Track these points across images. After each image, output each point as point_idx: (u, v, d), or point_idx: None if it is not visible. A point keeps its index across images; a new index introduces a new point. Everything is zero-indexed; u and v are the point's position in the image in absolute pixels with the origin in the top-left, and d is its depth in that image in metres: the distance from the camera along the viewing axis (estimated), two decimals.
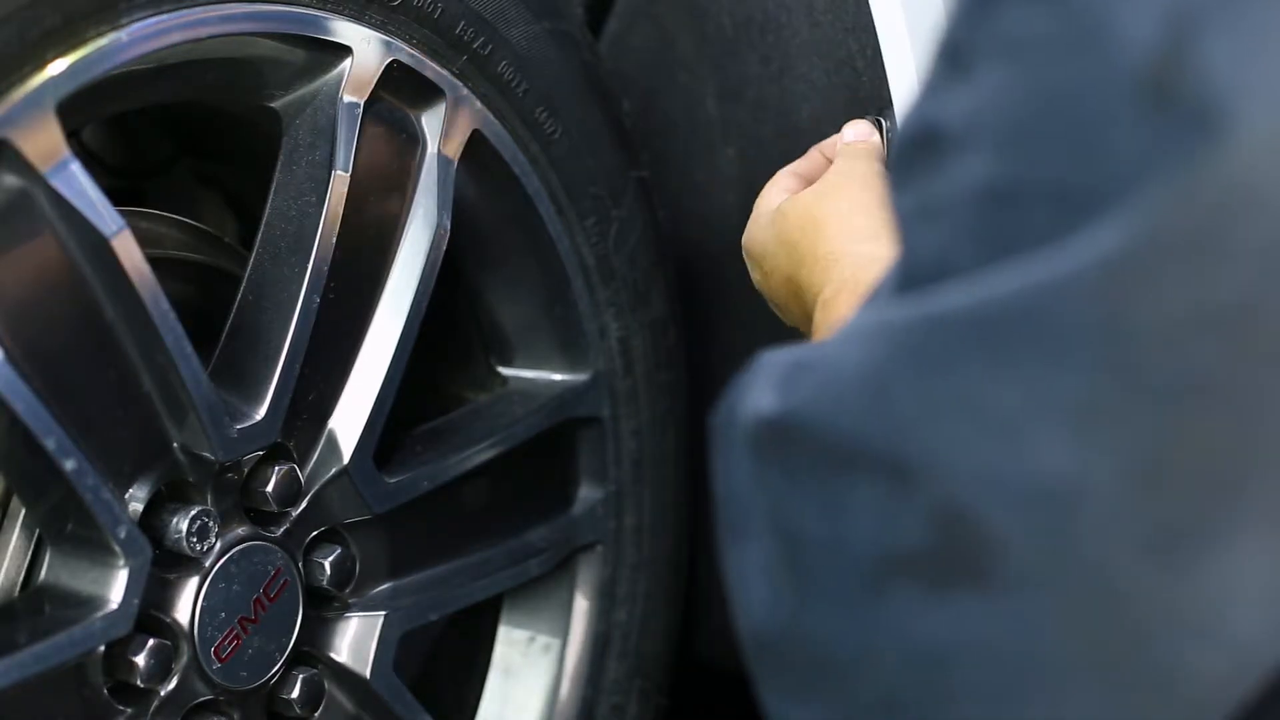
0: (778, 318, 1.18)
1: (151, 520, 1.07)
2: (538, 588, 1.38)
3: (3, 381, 0.97)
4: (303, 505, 1.16)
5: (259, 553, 1.13)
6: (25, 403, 0.98)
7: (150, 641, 1.07)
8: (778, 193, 1.17)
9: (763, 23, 1.38)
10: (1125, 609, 0.60)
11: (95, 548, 1.04)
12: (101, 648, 1.05)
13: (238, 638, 1.11)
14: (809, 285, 1.06)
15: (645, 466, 1.40)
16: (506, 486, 1.32)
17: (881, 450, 0.63)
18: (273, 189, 1.15)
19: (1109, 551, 0.60)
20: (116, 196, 1.03)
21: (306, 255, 1.13)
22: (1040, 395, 0.60)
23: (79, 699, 1.05)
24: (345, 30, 1.13)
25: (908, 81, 1.23)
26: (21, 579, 1.06)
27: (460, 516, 1.30)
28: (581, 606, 1.39)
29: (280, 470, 1.14)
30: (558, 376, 1.35)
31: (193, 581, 1.10)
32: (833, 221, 1.07)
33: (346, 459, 1.17)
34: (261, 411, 1.11)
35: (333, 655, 1.21)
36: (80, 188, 0.99)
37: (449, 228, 1.21)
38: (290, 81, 1.14)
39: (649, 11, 1.48)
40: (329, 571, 1.18)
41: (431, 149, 1.20)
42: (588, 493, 1.38)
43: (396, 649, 1.22)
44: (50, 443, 0.99)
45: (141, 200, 1.32)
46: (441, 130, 1.20)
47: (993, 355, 0.61)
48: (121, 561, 1.04)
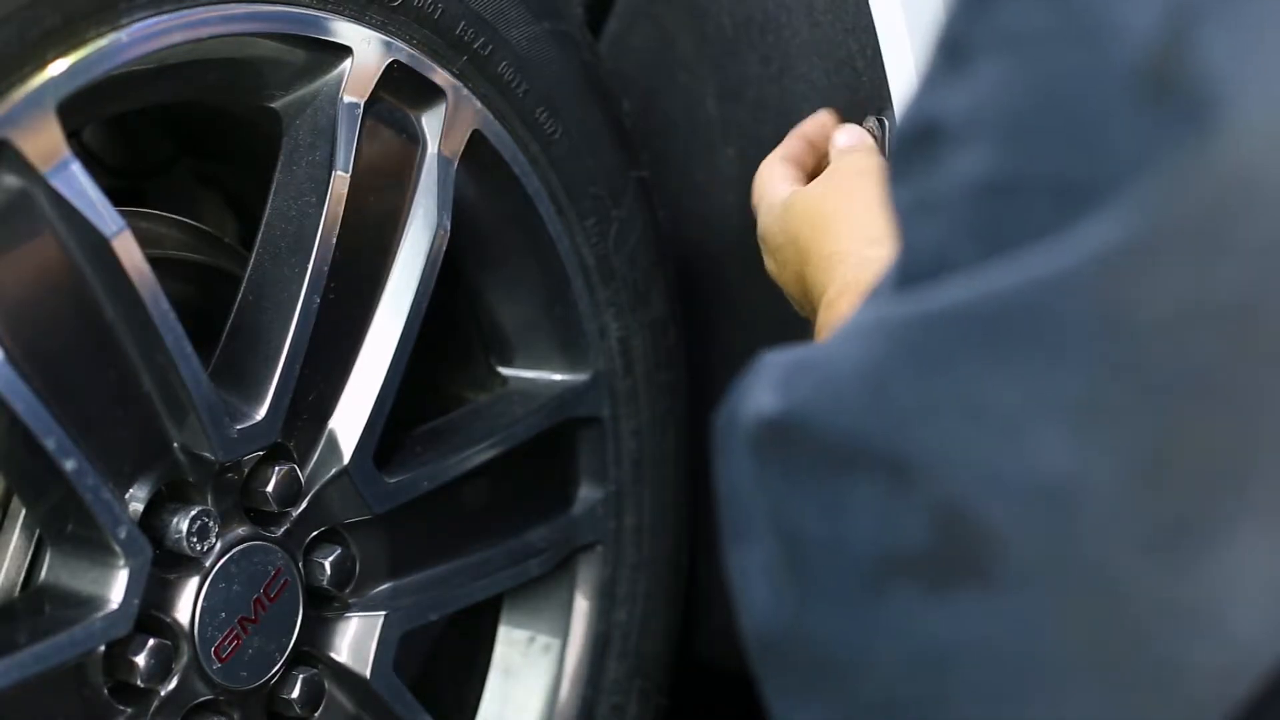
0: (778, 318, 1.18)
1: (152, 520, 1.07)
2: (538, 588, 1.38)
3: (3, 381, 0.97)
4: (303, 505, 1.16)
5: (259, 553, 1.13)
6: (25, 403, 0.98)
7: (150, 641, 1.07)
8: (778, 180, 1.16)
9: (763, 23, 1.38)
10: (1126, 607, 0.60)
11: (95, 548, 1.04)
12: (102, 648, 1.05)
13: (238, 638, 1.11)
14: (815, 283, 1.07)
15: (645, 466, 1.40)
16: (506, 486, 1.32)
17: (881, 449, 0.63)
18: (273, 189, 1.15)
19: (1109, 549, 0.60)
20: (117, 197, 1.03)
21: (307, 255, 1.13)
22: (1039, 392, 0.60)
23: (79, 699, 1.05)
24: (345, 31, 1.13)
25: (908, 81, 1.23)
26: (22, 579, 1.06)
27: (460, 516, 1.30)
28: (581, 606, 1.39)
29: (280, 470, 1.14)
30: (558, 376, 1.35)
31: (193, 581, 1.10)
32: (842, 220, 1.07)
33: (347, 459, 1.17)
34: (262, 412, 1.11)
35: (333, 655, 1.21)
36: (80, 188, 0.99)
37: (449, 228, 1.21)
38: (290, 82, 1.14)
39: (649, 11, 1.48)
40: (329, 571, 1.18)
41: (432, 149, 1.20)
42: (588, 493, 1.38)
43: (396, 649, 1.22)
44: (50, 443, 0.99)
45: (142, 200, 1.32)
46: (442, 131, 1.20)
47: (991, 352, 0.60)
48: (122, 561, 1.04)
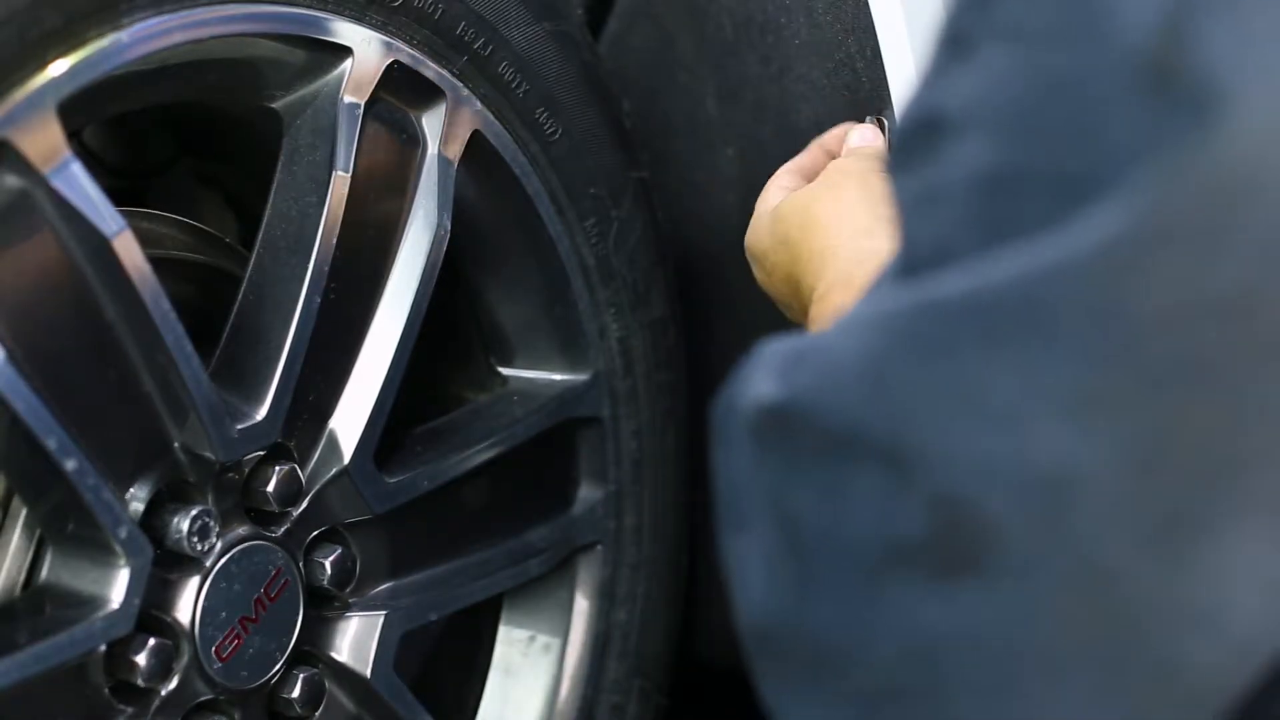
0: (778, 318, 1.18)
1: (152, 520, 1.07)
2: (538, 587, 1.38)
3: (4, 381, 0.97)
4: (303, 505, 1.16)
5: (260, 552, 1.13)
6: (26, 403, 0.98)
7: (151, 641, 1.07)
8: (777, 191, 1.17)
9: (763, 23, 1.38)
10: (1123, 598, 0.61)
11: (96, 547, 1.04)
12: (102, 647, 1.05)
13: (238, 637, 1.12)
14: (807, 280, 1.07)
15: (645, 466, 1.40)
16: (506, 486, 1.33)
17: (880, 438, 0.63)
18: (273, 189, 1.15)
19: (1107, 540, 0.60)
20: (117, 197, 1.03)
21: (307, 255, 1.13)
22: (1038, 382, 0.60)
23: (80, 698, 1.05)
24: (346, 31, 1.14)
25: (908, 81, 1.23)
26: (23, 579, 1.07)
27: (460, 516, 1.30)
28: (581, 606, 1.39)
29: (281, 470, 1.14)
30: (558, 376, 1.35)
31: (193, 581, 1.10)
32: (829, 217, 1.08)
33: (347, 459, 1.17)
34: (262, 411, 1.11)
35: (333, 655, 1.21)
36: (81, 188, 0.99)
37: (449, 228, 1.21)
38: (291, 82, 1.14)
39: (649, 12, 1.48)
40: (329, 571, 1.18)
41: (432, 150, 1.20)
42: (588, 493, 1.38)
43: (397, 648, 1.22)
44: (51, 443, 0.99)
45: (142, 200, 1.32)
46: (442, 131, 1.21)
47: (990, 342, 0.61)
48: (122, 561, 1.04)
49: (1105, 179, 0.59)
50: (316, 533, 1.18)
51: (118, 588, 1.04)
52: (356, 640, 1.21)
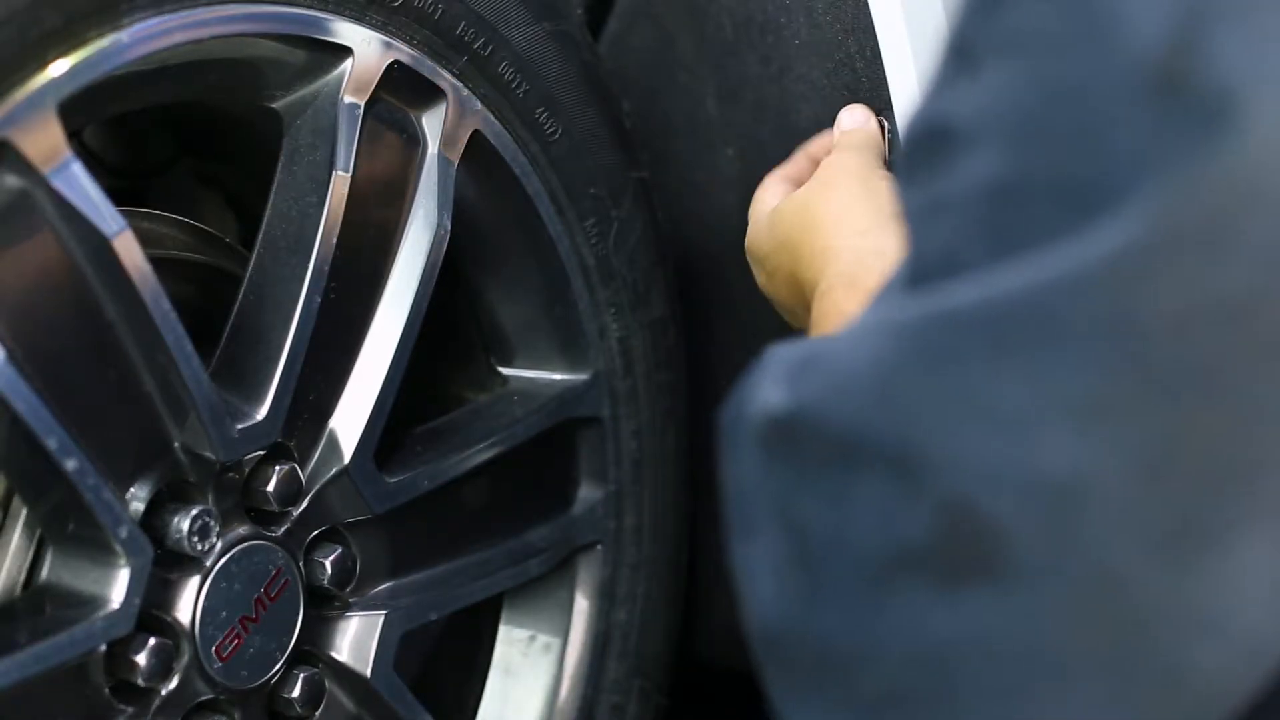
0: (778, 318, 1.18)
1: (152, 520, 1.08)
2: (538, 587, 1.38)
3: (4, 381, 0.97)
4: (303, 505, 1.16)
5: (260, 552, 1.13)
6: (26, 402, 0.98)
7: (151, 641, 1.07)
8: (771, 195, 1.17)
9: (763, 23, 1.38)
10: (1132, 604, 0.61)
11: (96, 547, 1.04)
12: (103, 647, 1.05)
13: (239, 637, 1.12)
14: (807, 279, 1.07)
15: (645, 466, 1.40)
16: (506, 486, 1.33)
17: (889, 447, 0.63)
18: (273, 189, 1.15)
19: (1116, 547, 0.60)
20: (117, 197, 1.03)
21: (307, 255, 1.13)
22: (1047, 391, 0.60)
23: (80, 698, 1.05)
24: (346, 31, 1.14)
25: (908, 82, 1.23)
26: (23, 579, 1.07)
27: (460, 516, 1.30)
28: (581, 606, 1.39)
29: (281, 470, 1.14)
30: (558, 376, 1.35)
31: (194, 581, 1.10)
32: (828, 216, 1.07)
33: (347, 459, 1.17)
34: (262, 411, 1.11)
35: (333, 654, 1.21)
36: (81, 188, 0.99)
37: (449, 228, 1.21)
38: (291, 82, 1.14)
39: (649, 12, 1.48)
40: (330, 571, 1.18)
41: (432, 150, 1.21)
42: (588, 493, 1.38)
43: (397, 648, 1.23)
44: (51, 442, 0.99)
45: (142, 200, 1.32)
46: (442, 131, 1.21)
47: (1000, 352, 0.61)
48: (123, 561, 1.04)
49: (1114, 188, 0.59)
50: (317, 532, 1.18)
51: (118, 587, 1.04)
52: (357, 640, 1.21)
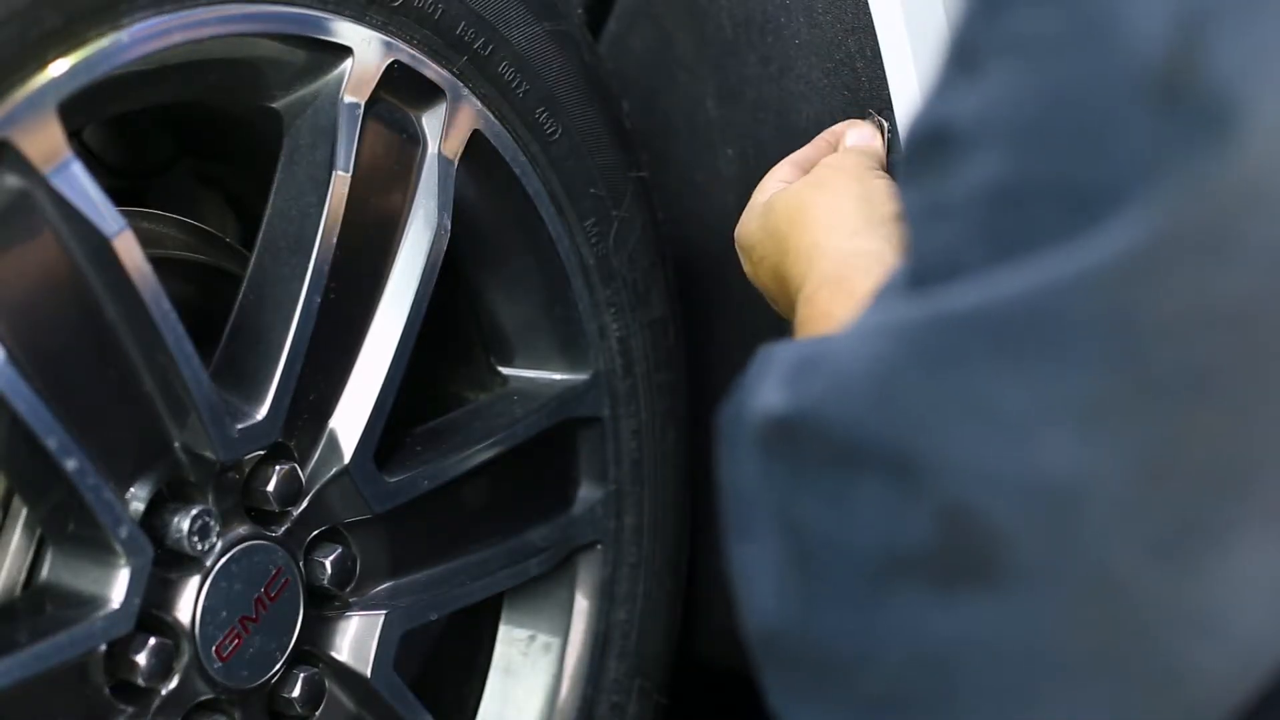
0: (777, 318, 1.18)
1: (153, 520, 1.08)
2: (538, 587, 1.38)
3: (4, 381, 0.97)
4: (303, 505, 1.16)
5: (260, 552, 1.13)
6: (27, 402, 0.98)
7: (151, 641, 1.07)
8: (774, 183, 1.17)
9: (762, 23, 1.38)
10: (1132, 607, 0.61)
11: (97, 547, 1.04)
12: (103, 647, 1.05)
13: (239, 637, 1.12)
14: (793, 275, 1.06)
15: (645, 466, 1.40)
16: (506, 486, 1.33)
17: (889, 449, 0.63)
18: (274, 189, 1.15)
19: (1116, 549, 0.60)
20: (117, 196, 1.03)
21: (307, 255, 1.13)
22: (1047, 394, 0.60)
23: (80, 698, 1.05)
24: (346, 31, 1.14)
25: (908, 81, 1.23)
26: (23, 578, 1.07)
27: (460, 516, 1.30)
28: (581, 606, 1.39)
29: (281, 470, 1.14)
30: (558, 376, 1.35)
31: (194, 581, 1.10)
32: (820, 214, 1.07)
33: (347, 458, 1.17)
34: (262, 411, 1.11)
35: (333, 654, 1.21)
36: (81, 188, 0.99)
37: (449, 228, 1.21)
38: (291, 82, 1.14)
39: (649, 12, 1.48)
40: (330, 571, 1.18)
41: (432, 149, 1.21)
42: (588, 492, 1.38)
43: (397, 648, 1.23)
44: (51, 442, 0.99)
45: (142, 200, 1.32)
46: (442, 131, 1.21)
47: (1001, 355, 0.61)
48: (123, 561, 1.04)
49: (1115, 192, 0.59)
50: (317, 532, 1.18)
51: (118, 587, 1.04)
52: (357, 640, 1.21)
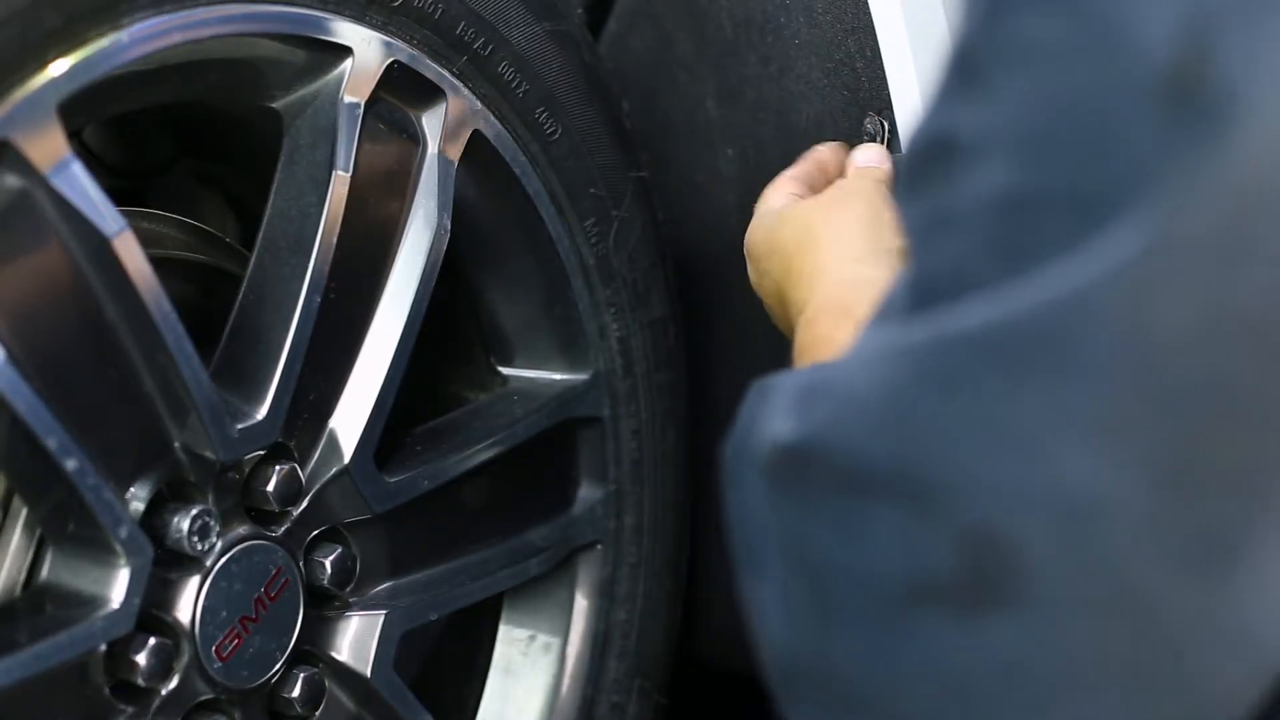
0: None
1: (152, 520, 1.08)
2: (538, 587, 1.38)
3: (4, 381, 0.97)
4: (303, 505, 1.16)
5: (260, 552, 1.13)
6: (27, 402, 0.98)
7: (151, 640, 1.07)
8: (780, 195, 1.16)
9: (762, 23, 1.38)
10: (1157, 620, 0.60)
11: (96, 547, 1.04)
12: (103, 647, 1.05)
13: (239, 637, 1.12)
14: (794, 298, 1.05)
15: (645, 466, 1.40)
16: (506, 486, 1.33)
17: (903, 475, 0.62)
18: (273, 189, 1.15)
19: (1139, 563, 0.60)
20: (118, 196, 1.03)
21: (307, 255, 1.13)
22: (1062, 410, 0.60)
23: (80, 698, 1.05)
24: (346, 31, 1.14)
25: (908, 81, 1.23)
26: (23, 578, 1.07)
27: (460, 516, 1.30)
28: (581, 606, 1.39)
29: (281, 470, 1.14)
30: (558, 376, 1.35)
31: (194, 581, 1.10)
32: (826, 236, 1.06)
33: (347, 458, 1.17)
34: (262, 411, 1.11)
35: (333, 654, 1.21)
36: (82, 188, 0.99)
37: (449, 228, 1.21)
38: (291, 82, 1.14)
39: (649, 12, 1.48)
40: (330, 571, 1.18)
41: (432, 149, 1.21)
42: (588, 492, 1.38)
43: (397, 648, 1.23)
44: (51, 442, 0.99)
45: (143, 200, 1.32)
46: (442, 131, 1.21)
47: (1012, 373, 0.60)
48: (123, 561, 1.04)
49: (1123, 198, 0.58)
50: (317, 532, 1.18)
51: (118, 587, 1.04)
52: (357, 640, 1.21)
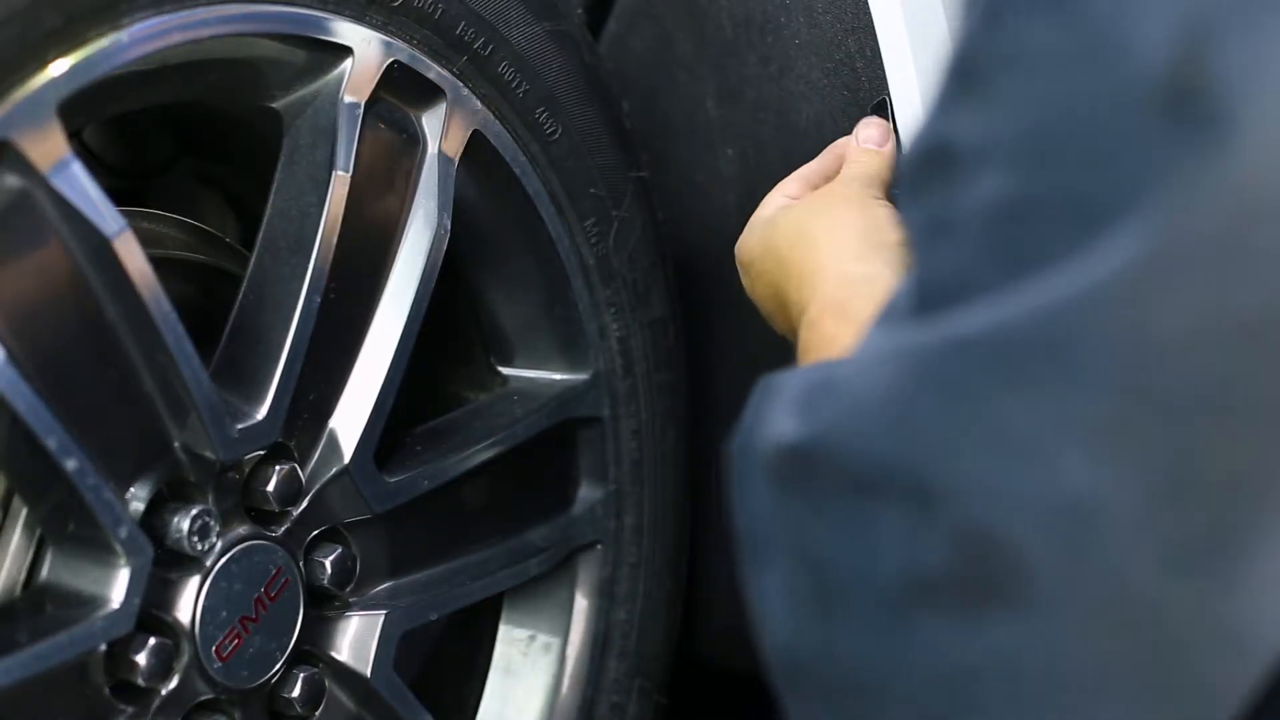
0: None
1: (152, 520, 1.08)
2: (538, 587, 1.38)
3: (4, 381, 0.97)
4: (303, 505, 1.16)
5: (260, 552, 1.13)
6: (27, 402, 0.98)
7: (151, 641, 1.07)
8: (778, 198, 1.16)
9: (762, 23, 1.38)
10: (1156, 621, 0.61)
11: (96, 547, 1.04)
12: (103, 647, 1.05)
13: (239, 637, 1.12)
14: (794, 299, 1.06)
15: (645, 466, 1.40)
16: (506, 486, 1.33)
17: (905, 475, 0.63)
18: (273, 189, 1.15)
19: (1137, 565, 0.60)
20: (118, 196, 1.03)
21: (307, 255, 1.13)
22: (1062, 414, 0.60)
23: (80, 698, 1.05)
24: (346, 31, 1.14)
25: (908, 81, 1.23)
26: (23, 578, 1.07)
27: (460, 516, 1.30)
28: (581, 605, 1.39)
29: (281, 470, 1.14)
30: (558, 376, 1.35)
31: (194, 581, 1.10)
32: (822, 236, 1.07)
33: (347, 458, 1.17)
34: (262, 411, 1.11)
35: (333, 654, 1.21)
36: (82, 188, 0.99)
37: (449, 228, 1.21)
38: (291, 82, 1.14)
39: (649, 12, 1.48)
40: (330, 571, 1.18)
41: (432, 149, 1.21)
42: (588, 492, 1.38)
43: (397, 648, 1.23)
44: (51, 442, 0.99)
45: (143, 200, 1.32)
46: (442, 130, 1.21)
47: (1013, 377, 0.61)
48: (123, 561, 1.04)
49: (1122, 205, 0.59)
50: (316, 532, 1.18)
51: (118, 587, 1.04)
52: (357, 640, 1.21)
